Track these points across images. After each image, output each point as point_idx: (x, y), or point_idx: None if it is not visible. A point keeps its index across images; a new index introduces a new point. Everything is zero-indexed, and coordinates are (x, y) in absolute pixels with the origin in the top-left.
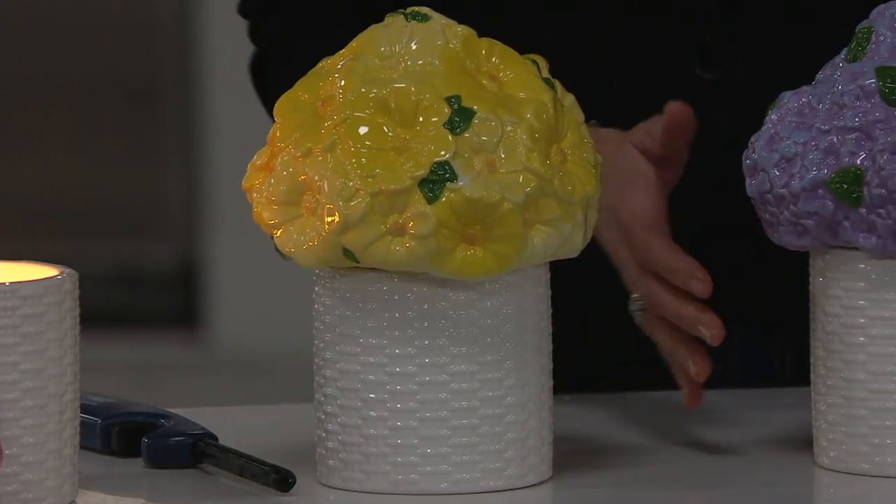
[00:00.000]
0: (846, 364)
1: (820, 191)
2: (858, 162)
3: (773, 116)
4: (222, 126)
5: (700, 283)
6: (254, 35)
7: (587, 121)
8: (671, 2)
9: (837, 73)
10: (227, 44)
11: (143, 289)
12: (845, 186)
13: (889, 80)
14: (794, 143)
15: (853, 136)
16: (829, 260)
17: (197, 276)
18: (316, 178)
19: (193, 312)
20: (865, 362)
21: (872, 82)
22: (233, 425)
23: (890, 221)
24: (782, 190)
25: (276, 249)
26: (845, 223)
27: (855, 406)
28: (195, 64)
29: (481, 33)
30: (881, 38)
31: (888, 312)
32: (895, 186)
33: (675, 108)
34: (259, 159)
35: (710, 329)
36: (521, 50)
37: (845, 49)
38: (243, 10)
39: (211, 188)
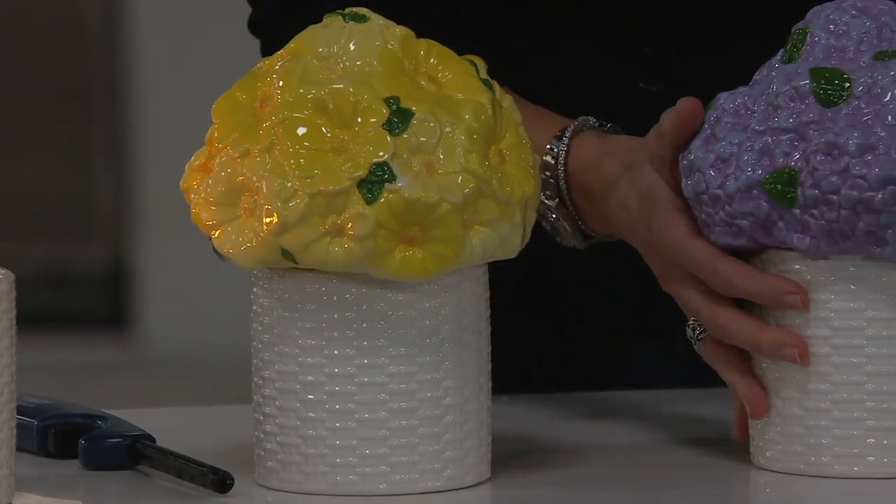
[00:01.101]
0: (781, 365)
1: (754, 191)
2: (792, 163)
3: (709, 117)
4: (151, 127)
5: (795, 296)
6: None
7: (603, 126)
8: (612, 15)
9: (773, 73)
10: (156, 44)
11: (73, 290)
12: (779, 187)
13: (823, 81)
14: (730, 144)
15: (787, 136)
16: (765, 260)
17: (127, 276)
18: (254, 178)
19: (124, 313)
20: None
21: (806, 83)
22: (170, 426)
23: (823, 222)
24: (717, 191)
25: (215, 250)
26: (780, 223)
27: (790, 406)
28: (124, 64)
29: (426, 37)
30: (816, 39)
31: (822, 313)
32: (828, 187)
33: (686, 104)
34: (197, 160)
35: (795, 349)
36: None
37: (782, 50)
38: (255, 28)
39: (141, 189)
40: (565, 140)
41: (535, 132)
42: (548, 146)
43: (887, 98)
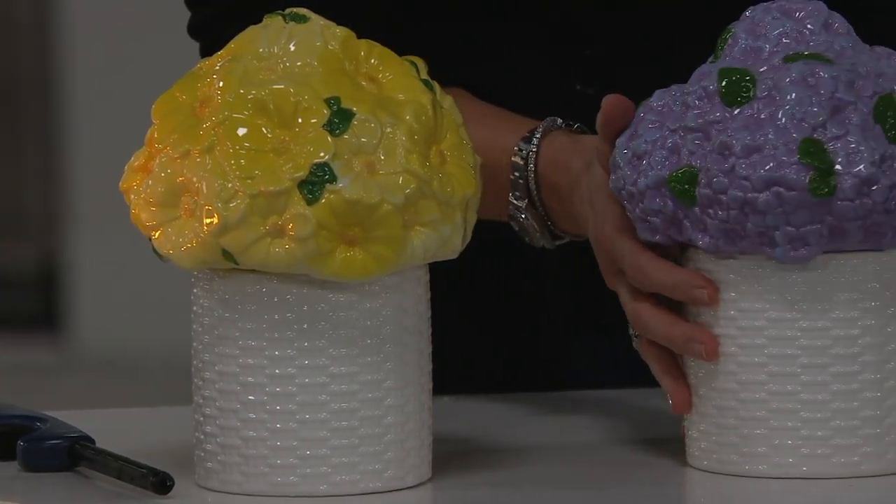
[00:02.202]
0: (698, 363)
1: (663, 189)
2: (694, 162)
3: (638, 114)
4: (83, 127)
5: (703, 290)
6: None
7: (570, 126)
8: (551, 19)
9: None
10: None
11: (4, 291)
12: (683, 186)
13: (729, 82)
14: (645, 142)
15: (693, 136)
16: (686, 258)
17: (59, 277)
18: (194, 179)
19: (56, 314)
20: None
21: (714, 83)
22: (110, 428)
23: (717, 222)
24: (632, 187)
25: (155, 251)
26: (685, 222)
27: (705, 404)
28: (55, 64)
29: (367, 38)
30: (738, 40)
31: (729, 312)
32: (718, 187)
33: (611, 101)
34: (136, 161)
35: (703, 345)
36: None
37: None
38: (195, 31)
39: (72, 189)
40: (535, 141)
41: (500, 133)
42: (516, 147)
43: (782, 100)
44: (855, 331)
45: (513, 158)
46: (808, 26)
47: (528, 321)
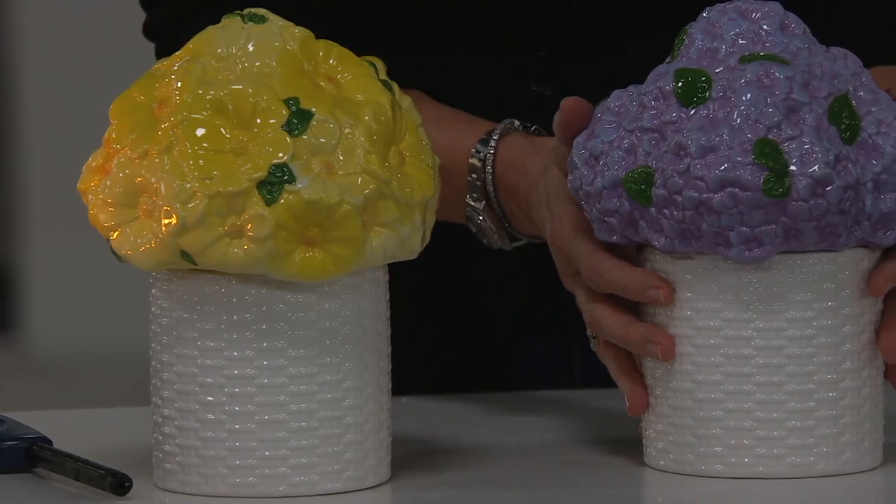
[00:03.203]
0: (654, 363)
1: (619, 189)
2: (650, 162)
3: (596, 114)
4: (35, 128)
5: (659, 290)
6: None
7: (528, 128)
8: (507, 20)
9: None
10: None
11: None
12: (639, 186)
13: (684, 82)
14: (602, 142)
15: (649, 136)
16: (643, 259)
17: (12, 279)
18: (153, 180)
19: (9, 316)
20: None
21: (670, 84)
22: (67, 429)
23: (673, 222)
24: (588, 188)
25: (113, 252)
26: (641, 222)
27: (661, 404)
28: (9, 63)
29: (324, 38)
30: (694, 40)
31: (686, 312)
32: (673, 187)
33: (569, 103)
34: (94, 161)
35: (659, 345)
36: None
37: None
38: (150, 32)
39: (25, 190)
40: (492, 143)
41: (457, 134)
42: (473, 149)
43: (737, 100)
44: (810, 331)
45: (470, 160)
46: (765, 27)
47: (486, 322)
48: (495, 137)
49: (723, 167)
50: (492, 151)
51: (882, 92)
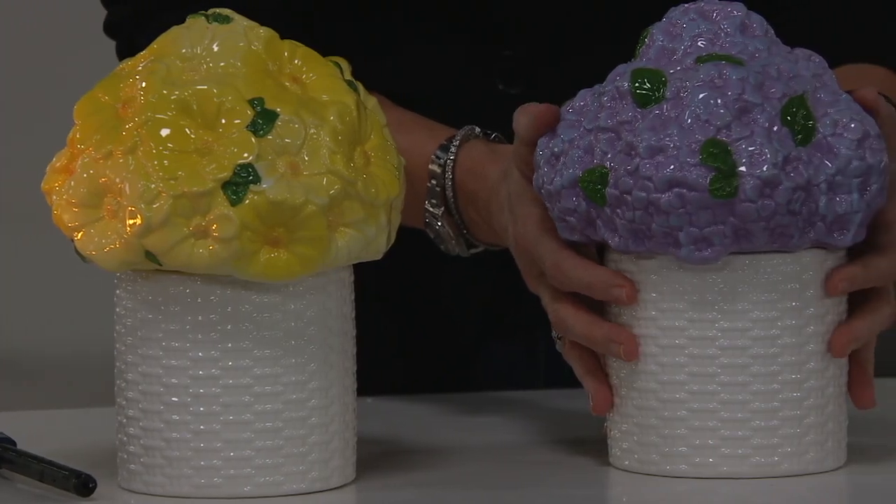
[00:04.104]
0: (619, 363)
1: (576, 188)
2: (606, 162)
3: (562, 113)
4: None
5: (622, 289)
6: (126, 54)
7: (488, 135)
8: (473, 19)
9: None
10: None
11: None
12: (595, 186)
13: (640, 82)
14: (562, 141)
15: (606, 135)
16: (607, 259)
17: None
18: (117, 180)
19: None
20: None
21: (626, 83)
22: (31, 430)
23: (625, 221)
24: (549, 186)
25: (77, 252)
26: (598, 221)
27: (626, 404)
28: None
29: (288, 38)
30: (654, 40)
31: (650, 312)
32: (624, 187)
33: (541, 110)
34: (58, 161)
35: (622, 345)
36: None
37: None
38: (111, 30)
39: None
40: (452, 149)
41: (418, 140)
42: (434, 155)
43: (689, 101)
44: (774, 331)
45: (430, 166)
46: (724, 28)
47: (452, 323)
48: (455, 143)
49: (670, 167)
50: (452, 157)
51: (844, 93)
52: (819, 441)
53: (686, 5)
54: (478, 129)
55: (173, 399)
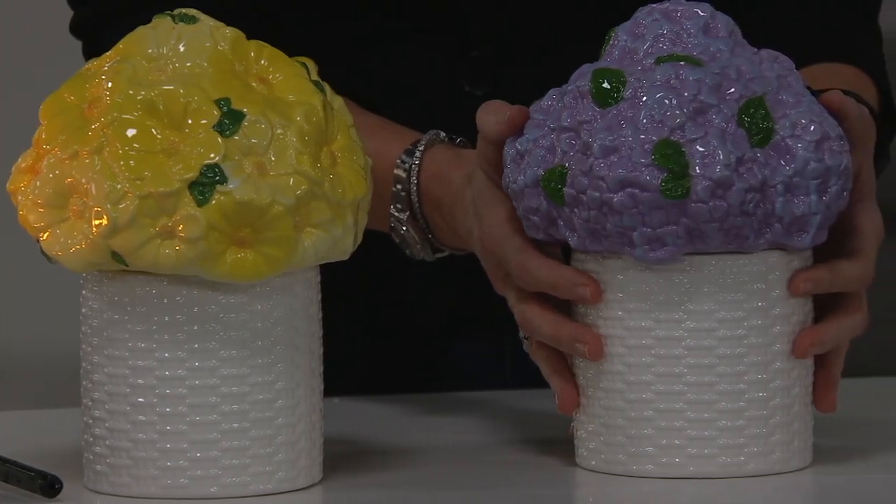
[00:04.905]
0: (586, 363)
1: (539, 188)
2: (566, 161)
3: (531, 111)
4: None
5: (586, 288)
6: (92, 54)
7: (453, 139)
8: (440, 19)
9: None
10: None
11: None
12: (555, 185)
13: (600, 82)
14: (527, 140)
15: (567, 135)
16: (573, 259)
17: None
18: (83, 180)
19: None
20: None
21: (587, 83)
22: None
23: (582, 221)
24: (514, 185)
25: (43, 253)
26: (559, 221)
27: (592, 404)
28: None
29: (254, 38)
30: (618, 41)
31: (616, 313)
32: (580, 187)
33: (514, 112)
34: (24, 161)
35: (587, 345)
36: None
37: None
38: (77, 30)
39: None
40: (418, 154)
41: (383, 144)
42: (399, 159)
43: (645, 101)
44: (740, 331)
45: (395, 171)
46: (687, 28)
47: (418, 323)
48: (421, 148)
49: (623, 168)
50: (417, 162)
51: (809, 95)
52: (785, 441)
53: (652, 6)
54: (443, 134)
55: (139, 400)
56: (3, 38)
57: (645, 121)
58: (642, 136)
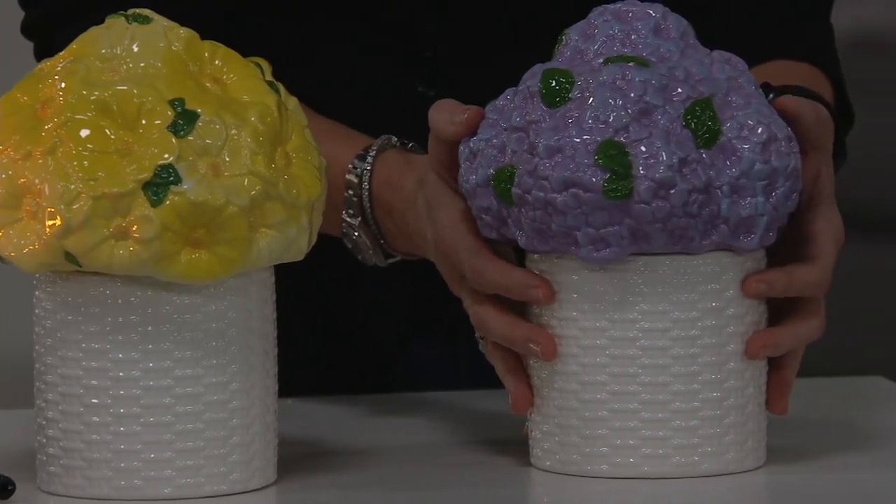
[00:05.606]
0: (540, 363)
1: (489, 187)
2: (515, 161)
3: (486, 111)
4: None
5: (538, 290)
6: (44, 54)
7: (405, 144)
8: (393, 20)
9: None
10: None
11: None
12: (504, 185)
13: (549, 83)
14: (480, 139)
15: (517, 135)
16: (530, 260)
17: None
18: (36, 181)
19: None
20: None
21: (537, 83)
22: None
23: (528, 220)
24: (467, 184)
25: None
26: (509, 220)
27: (547, 405)
28: None
29: (208, 38)
30: (570, 41)
31: (571, 313)
32: (525, 187)
33: (472, 114)
34: None
35: (540, 345)
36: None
37: None
38: (28, 31)
39: None
40: (369, 159)
41: (334, 149)
42: (350, 165)
43: (591, 102)
44: (694, 332)
45: (347, 176)
46: (638, 29)
47: (372, 324)
48: (372, 153)
49: (567, 168)
50: (369, 168)
51: (758, 97)
52: (739, 441)
53: (605, 6)
54: (395, 139)
55: (93, 401)
56: None
57: (590, 121)
58: (587, 137)
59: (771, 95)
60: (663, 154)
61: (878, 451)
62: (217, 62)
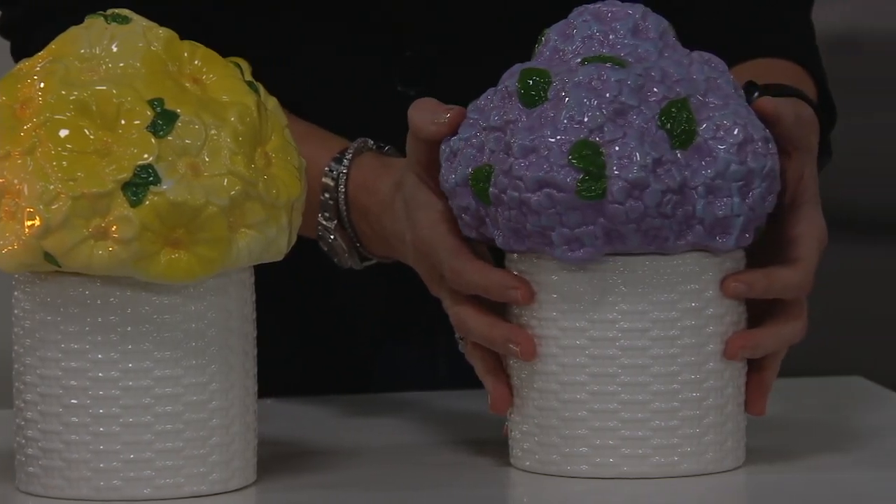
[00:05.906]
0: (520, 363)
1: (468, 187)
2: (492, 160)
3: (467, 111)
4: None
5: (517, 290)
6: (21, 54)
7: (381, 148)
8: (374, 19)
9: None
10: None
11: None
12: (482, 184)
13: (527, 82)
14: (459, 139)
15: (495, 135)
16: (509, 260)
17: None
18: (15, 181)
19: None
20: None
21: (514, 83)
22: None
23: (505, 220)
24: (446, 184)
25: None
26: (487, 220)
27: (527, 405)
28: None
29: (186, 38)
30: (549, 41)
31: (551, 313)
32: (500, 186)
33: (454, 113)
34: None
35: (519, 346)
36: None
37: None
38: (5, 30)
39: None
40: (346, 162)
41: (311, 151)
42: (327, 168)
43: (567, 102)
44: (674, 332)
45: (323, 179)
46: (616, 29)
47: (351, 324)
48: (349, 157)
49: (540, 168)
50: (345, 171)
51: (737, 98)
52: (718, 441)
53: (585, 7)
54: (371, 142)
55: (72, 401)
56: None
57: (565, 121)
58: (561, 137)
59: (756, 94)
60: (637, 154)
61: (858, 451)
62: (196, 62)
